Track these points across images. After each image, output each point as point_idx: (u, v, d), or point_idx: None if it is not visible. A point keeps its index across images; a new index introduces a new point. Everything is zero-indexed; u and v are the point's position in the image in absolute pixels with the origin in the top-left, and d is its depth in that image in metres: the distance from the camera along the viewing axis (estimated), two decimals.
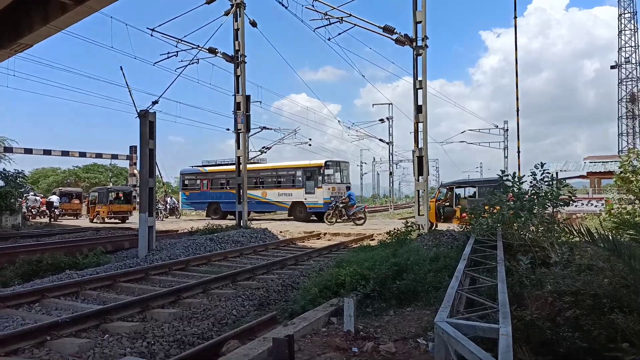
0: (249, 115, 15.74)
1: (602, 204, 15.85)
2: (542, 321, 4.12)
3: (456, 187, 17.13)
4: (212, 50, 16.17)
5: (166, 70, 42.22)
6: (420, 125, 12.27)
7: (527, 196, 7.72)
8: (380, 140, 38.80)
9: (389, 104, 39.34)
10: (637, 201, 11.44)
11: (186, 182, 26.93)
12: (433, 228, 16.38)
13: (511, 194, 8.18)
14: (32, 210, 28.15)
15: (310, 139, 38.50)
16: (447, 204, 16.68)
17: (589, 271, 5.76)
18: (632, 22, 44.14)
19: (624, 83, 44.51)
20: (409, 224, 11.36)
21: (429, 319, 5.18)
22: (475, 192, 16.34)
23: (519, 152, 24.41)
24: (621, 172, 11.52)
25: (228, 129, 25.23)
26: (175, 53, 17.53)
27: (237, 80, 16.03)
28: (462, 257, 5.57)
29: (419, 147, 12.30)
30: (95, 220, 24.33)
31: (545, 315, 4.40)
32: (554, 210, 7.55)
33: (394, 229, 10.83)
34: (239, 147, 15.71)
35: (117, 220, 24.02)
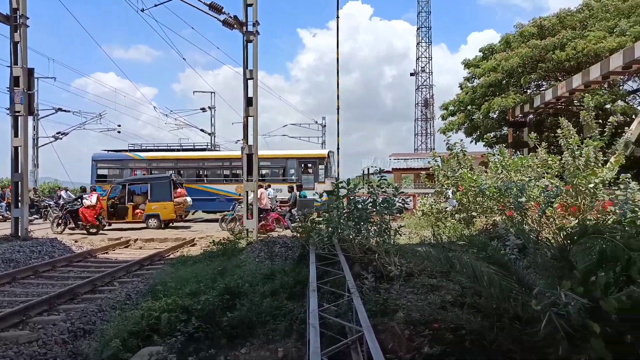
0: (31, 93, 12.25)
1: (410, 200, 17.31)
2: None
3: (130, 185, 16.38)
4: None
5: None
6: (251, 120, 11.09)
7: (362, 204, 7.34)
8: (202, 130, 36.84)
9: (212, 93, 37.62)
10: (442, 199, 12.55)
11: (103, 171, 19.92)
12: (98, 232, 14.23)
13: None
14: None
15: (119, 125, 34.49)
16: (119, 202, 15.84)
17: (431, 286, 5.55)
18: (427, 36, 50.97)
19: (420, 89, 51.24)
20: (236, 232, 10.17)
21: None
22: (148, 189, 16.00)
23: (338, 148, 25.48)
24: (432, 172, 12.49)
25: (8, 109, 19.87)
26: None
27: (15, 48, 12.30)
28: (309, 286, 4.64)
29: (249, 144, 11.12)
30: None
31: (404, 356, 3.85)
32: (390, 217, 7.33)
33: (224, 238, 9.56)
34: (16, 135, 12.03)
35: None
